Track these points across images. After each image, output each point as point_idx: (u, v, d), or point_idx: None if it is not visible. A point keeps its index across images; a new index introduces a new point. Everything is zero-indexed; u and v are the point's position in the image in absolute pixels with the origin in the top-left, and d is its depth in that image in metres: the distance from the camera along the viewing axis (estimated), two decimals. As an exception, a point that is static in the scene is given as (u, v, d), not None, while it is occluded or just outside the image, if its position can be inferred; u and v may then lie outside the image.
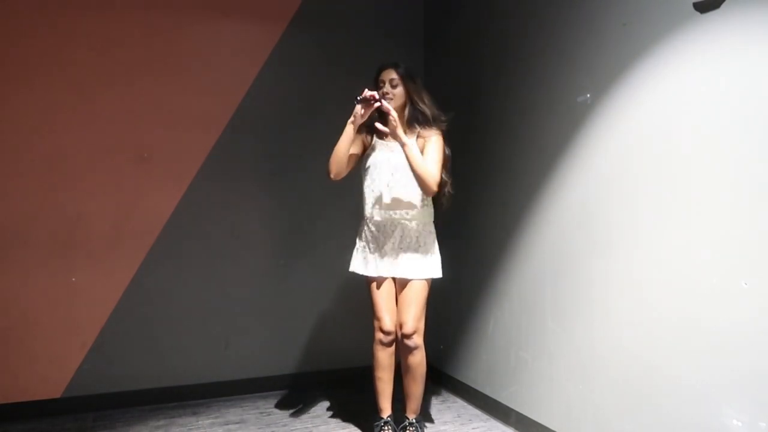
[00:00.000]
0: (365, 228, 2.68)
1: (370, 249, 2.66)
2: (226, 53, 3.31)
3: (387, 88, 2.57)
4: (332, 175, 2.59)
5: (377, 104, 2.46)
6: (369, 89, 2.48)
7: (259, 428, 2.91)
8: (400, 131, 2.45)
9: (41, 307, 3.02)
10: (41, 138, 3.00)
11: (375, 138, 2.67)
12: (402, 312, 2.61)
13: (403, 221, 2.60)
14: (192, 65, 3.24)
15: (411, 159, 2.46)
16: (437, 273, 2.65)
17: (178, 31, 3.21)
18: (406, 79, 2.59)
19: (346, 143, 2.54)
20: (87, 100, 3.06)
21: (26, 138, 2.98)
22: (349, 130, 2.52)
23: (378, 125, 2.48)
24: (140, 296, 3.18)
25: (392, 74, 2.58)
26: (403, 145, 2.46)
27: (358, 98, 2.45)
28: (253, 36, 3.37)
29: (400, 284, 2.65)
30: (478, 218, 3.17)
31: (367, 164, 2.65)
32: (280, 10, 3.42)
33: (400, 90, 2.58)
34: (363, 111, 2.47)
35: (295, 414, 3.09)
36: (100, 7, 3.07)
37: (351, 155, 2.63)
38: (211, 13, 3.27)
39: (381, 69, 2.63)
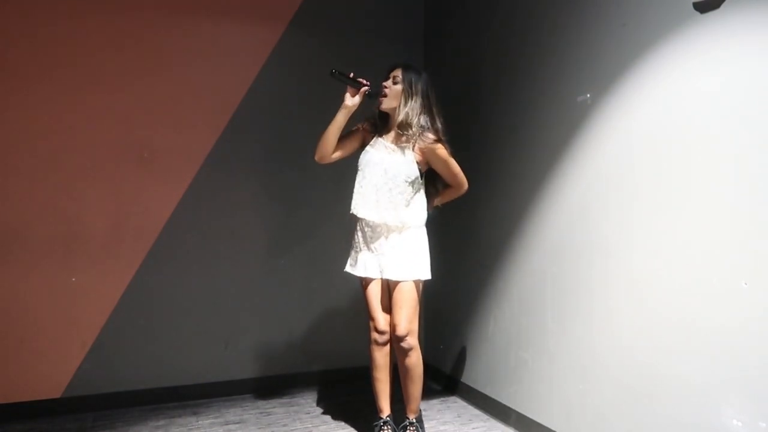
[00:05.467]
0: (357, 226, 2.67)
1: (361, 248, 2.65)
2: (226, 53, 3.32)
3: (388, 83, 2.57)
4: (316, 158, 2.62)
5: (364, 87, 2.51)
6: (365, 80, 2.52)
7: (259, 428, 2.91)
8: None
9: (41, 307, 3.02)
10: (41, 138, 3.00)
11: (376, 136, 2.66)
12: (394, 314, 2.59)
13: (388, 222, 2.55)
14: (192, 65, 3.24)
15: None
16: (425, 274, 2.60)
17: (178, 31, 3.21)
18: (407, 81, 2.55)
19: (334, 127, 2.55)
20: (87, 100, 3.06)
21: (26, 138, 2.98)
22: (340, 115, 2.54)
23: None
24: (140, 296, 3.18)
25: (398, 72, 2.58)
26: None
27: (334, 70, 2.48)
28: (253, 36, 3.37)
29: (390, 286, 2.62)
30: (478, 218, 3.17)
31: (362, 162, 2.63)
32: (280, 10, 3.43)
33: (398, 89, 2.55)
34: (351, 94, 2.52)
35: (295, 414, 3.09)
36: (99, 8, 3.07)
37: (345, 146, 2.64)
38: (211, 13, 3.27)
39: (394, 66, 2.63)
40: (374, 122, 2.67)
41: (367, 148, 2.64)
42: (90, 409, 3.10)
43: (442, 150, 2.54)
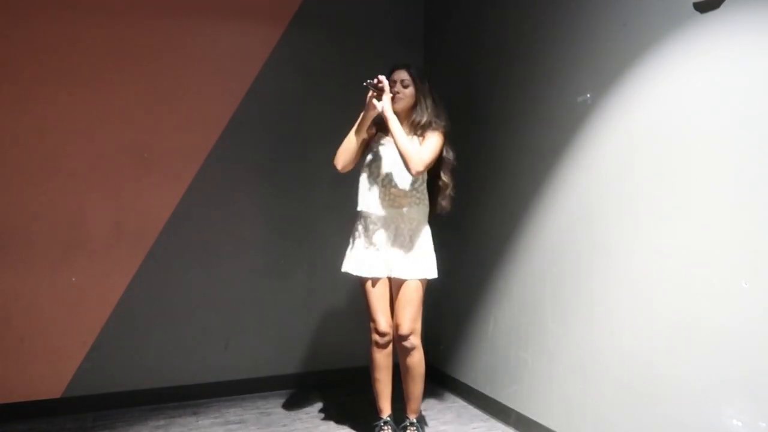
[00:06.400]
0: (359, 225, 2.66)
1: (363, 247, 2.63)
2: (226, 53, 3.31)
3: (398, 87, 2.57)
4: (340, 167, 2.59)
5: (385, 91, 2.49)
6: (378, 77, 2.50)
7: (259, 428, 2.91)
8: (387, 105, 2.46)
9: (41, 307, 3.01)
10: (41, 138, 3.00)
11: (379, 132, 2.66)
12: (398, 314, 2.60)
13: (397, 219, 2.58)
14: (192, 65, 3.24)
15: (394, 133, 2.46)
16: (432, 273, 2.62)
17: (178, 32, 3.21)
18: (417, 81, 2.59)
19: (358, 135, 2.55)
20: (87, 100, 3.06)
21: (26, 138, 2.98)
22: (365, 122, 2.54)
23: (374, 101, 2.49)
24: (140, 296, 3.18)
25: (404, 75, 2.59)
26: (387, 119, 2.46)
27: (368, 82, 2.47)
28: (253, 36, 3.37)
29: (395, 284, 2.64)
30: (478, 218, 3.17)
31: (368, 158, 2.64)
32: (280, 10, 3.42)
33: (410, 90, 2.58)
34: (374, 97, 2.48)
35: (295, 414, 3.09)
36: (100, 8, 3.07)
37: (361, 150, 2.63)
38: (211, 14, 3.27)
39: (394, 69, 2.63)
40: (377, 121, 2.67)
41: (372, 145, 2.66)
42: (90, 409, 3.10)
43: (438, 134, 2.56)
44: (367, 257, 2.62)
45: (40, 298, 3.01)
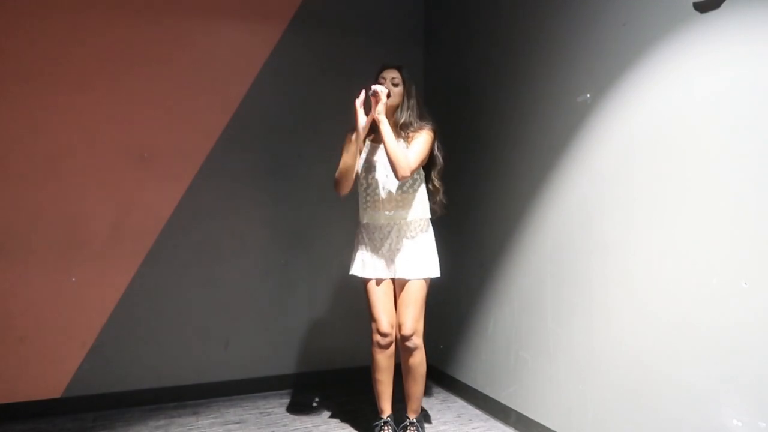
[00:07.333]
0: (362, 230, 2.68)
1: (367, 250, 2.66)
2: (226, 53, 3.32)
3: (388, 84, 2.57)
4: (342, 193, 2.59)
5: (384, 95, 2.47)
6: (368, 89, 2.48)
7: (259, 428, 2.91)
8: (381, 109, 2.45)
9: (41, 307, 3.02)
10: (41, 138, 3.00)
11: (367, 140, 2.66)
12: (401, 313, 2.60)
13: (399, 221, 2.59)
14: (192, 65, 3.24)
15: (385, 138, 2.43)
16: (435, 272, 2.63)
17: (178, 31, 3.21)
18: (406, 82, 2.58)
19: (354, 157, 2.53)
20: (87, 100, 3.06)
21: (26, 138, 2.98)
22: (353, 143, 2.51)
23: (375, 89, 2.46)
24: (140, 296, 3.18)
25: (395, 74, 2.58)
26: (380, 122, 2.44)
27: (372, 91, 2.44)
28: (253, 36, 3.37)
29: (399, 285, 2.64)
30: (477, 218, 3.17)
31: (362, 167, 2.65)
32: (280, 10, 3.43)
33: (399, 90, 2.57)
34: (364, 119, 2.46)
35: (295, 414, 3.09)
36: (100, 8, 3.07)
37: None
38: (211, 14, 3.27)
39: (385, 67, 2.62)
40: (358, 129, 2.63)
41: (363, 155, 2.65)
42: (90, 409, 3.11)
43: (424, 135, 2.55)
44: (370, 259, 2.64)
45: (40, 298, 3.01)
